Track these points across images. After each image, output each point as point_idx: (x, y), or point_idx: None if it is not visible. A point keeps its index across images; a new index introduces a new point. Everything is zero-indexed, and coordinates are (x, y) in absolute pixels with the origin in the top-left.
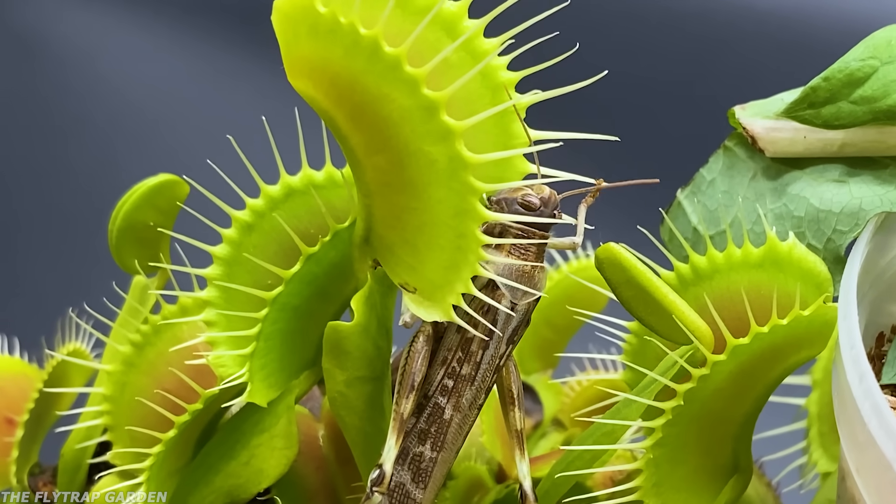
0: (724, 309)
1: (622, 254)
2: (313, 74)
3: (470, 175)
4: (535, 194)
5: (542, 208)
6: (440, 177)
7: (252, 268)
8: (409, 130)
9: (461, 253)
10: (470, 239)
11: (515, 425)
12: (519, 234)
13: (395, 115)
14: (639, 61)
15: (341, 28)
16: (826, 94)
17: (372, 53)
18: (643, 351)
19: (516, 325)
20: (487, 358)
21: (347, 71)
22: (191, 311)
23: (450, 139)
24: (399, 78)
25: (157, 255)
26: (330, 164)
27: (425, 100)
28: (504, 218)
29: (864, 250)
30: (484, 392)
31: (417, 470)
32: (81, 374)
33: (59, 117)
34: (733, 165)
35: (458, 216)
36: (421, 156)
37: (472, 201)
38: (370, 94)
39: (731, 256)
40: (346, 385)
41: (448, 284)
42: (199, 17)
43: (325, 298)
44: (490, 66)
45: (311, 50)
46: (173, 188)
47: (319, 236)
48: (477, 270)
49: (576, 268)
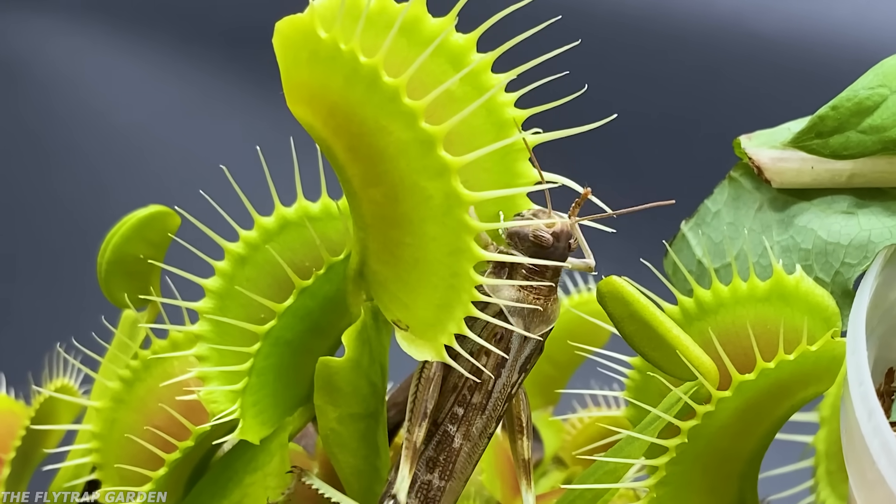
0: (730, 344)
1: (625, 287)
2: (312, 102)
3: (465, 213)
4: (547, 230)
5: (556, 243)
6: (435, 213)
7: (245, 301)
8: (405, 164)
9: (454, 292)
10: (464, 278)
11: (522, 455)
12: (531, 271)
13: (392, 148)
14: (642, 90)
15: (341, 55)
16: (834, 124)
17: (371, 83)
18: (646, 387)
19: (529, 353)
20: (499, 386)
21: (346, 100)
22: (182, 345)
23: (446, 175)
24: (397, 110)
25: (147, 289)
26: (326, 196)
27: (423, 134)
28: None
29: (874, 284)
30: (495, 421)
31: (425, 499)
32: (69, 411)
33: (46, 146)
34: (739, 196)
35: (453, 254)
36: (416, 191)
37: (466, 240)
38: (368, 125)
39: (737, 290)
40: (339, 422)
41: (440, 324)
42: (190, 44)
43: (320, 333)
44: (496, 102)
45: (310, 76)
46: (164, 219)
47: (314, 269)
48: (471, 311)
49: (577, 301)
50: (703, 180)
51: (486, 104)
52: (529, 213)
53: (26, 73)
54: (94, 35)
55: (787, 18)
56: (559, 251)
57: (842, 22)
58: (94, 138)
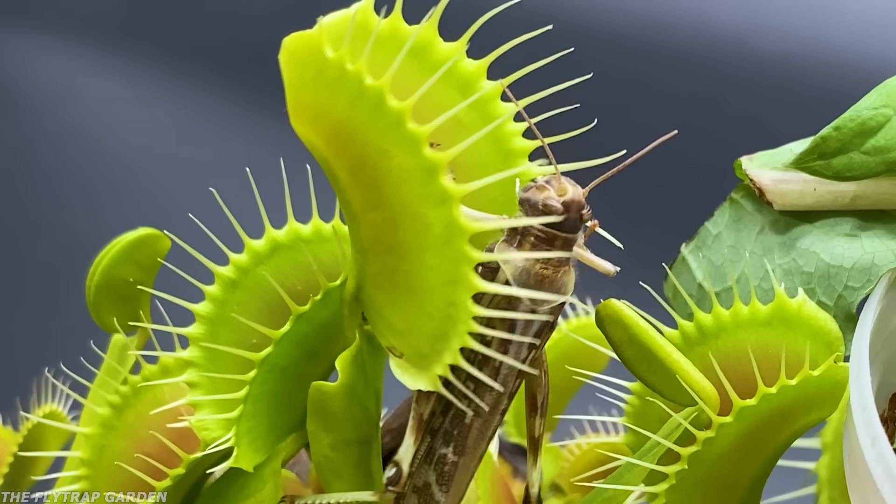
0: (731, 369)
1: (624, 311)
2: (316, 121)
3: (465, 243)
4: (557, 198)
5: (566, 213)
6: (434, 242)
7: (236, 326)
8: (407, 191)
9: (451, 322)
10: (461, 309)
11: (534, 433)
12: (540, 237)
13: (394, 174)
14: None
15: (347, 76)
16: (837, 145)
17: (376, 106)
18: (645, 413)
19: (538, 329)
20: (505, 370)
21: (350, 122)
22: (172, 371)
23: (448, 204)
24: (401, 134)
25: (136, 313)
26: (317, 217)
27: (425, 160)
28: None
29: (877, 308)
30: (507, 397)
31: (441, 472)
32: (58, 438)
33: (34, 167)
34: (740, 219)
35: (450, 284)
36: (416, 218)
37: (465, 270)
38: (371, 149)
39: (738, 314)
40: (332, 448)
41: (435, 354)
42: (180, 62)
43: (315, 358)
44: (504, 132)
45: (315, 95)
46: (153, 243)
47: (310, 295)
48: (466, 342)
49: (575, 326)
50: (703, 202)
51: (494, 133)
52: (542, 180)
53: (12, 93)
54: (82, 53)
55: (788, 38)
56: (570, 221)
57: (845, 41)
58: (83, 159)
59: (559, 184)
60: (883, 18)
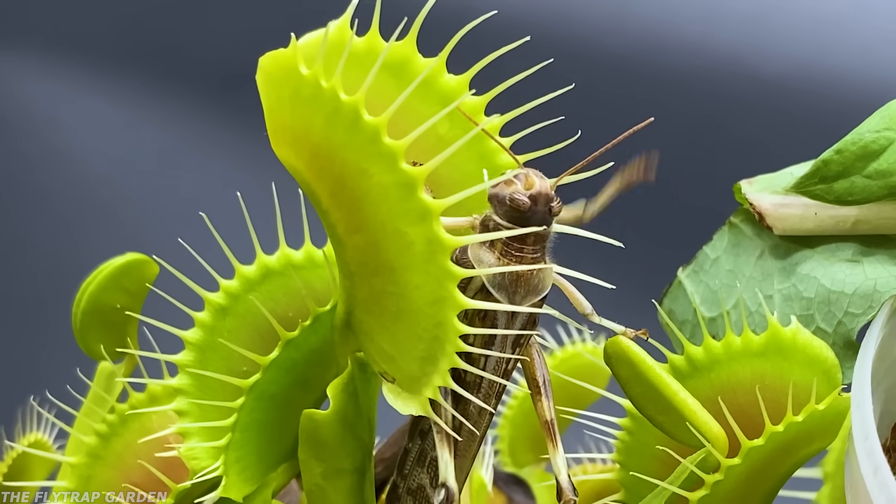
0: (726, 402)
1: (631, 348)
2: (296, 143)
3: (448, 259)
4: (524, 192)
5: (534, 207)
6: (417, 260)
7: (226, 354)
8: (387, 209)
9: (438, 344)
10: (448, 328)
11: (545, 415)
12: (511, 239)
13: (373, 193)
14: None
15: (322, 93)
16: (839, 168)
17: (352, 123)
18: (637, 449)
19: (521, 327)
20: (492, 363)
21: (327, 141)
22: (161, 399)
23: (427, 220)
24: (377, 151)
25: (124, 340)
26: (309, 243)
27: (403, 176)
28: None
29: (879, 335)
30: (494, 397)
31: (435, 474)
32: (43, 467)
33: (18, 191)
34: (739, 243)
35: (436, 303)
36: (398, 237)
37: (449, 288)
38: (349, 168)
39: (731, 346)
40: (324, 477)
41: (426, 377)
42: (169, 84)
43: (305, 386)
44: (489, 148)
45: (293, 116)
46: (141, 268)
47: (299, 320)
48: (455, 362)
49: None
50: (701, 226)
51: (479, 150)
52: (511, 174)
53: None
54: (68, 75)
55: (789, 59)
56: (538, 215)
57: (846, 63)
58: (69, 183)
59: (526, 178)
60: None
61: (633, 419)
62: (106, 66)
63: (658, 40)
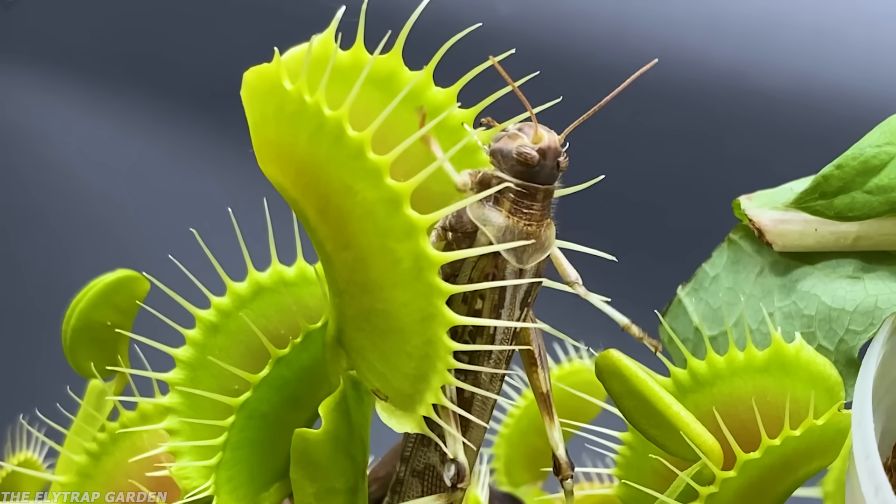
0: (728, 417)
1: (623, 362)
2: (281, 160)
3: (436, 275)
4: (532, 146)
5: (542, 161)
6: (405, 277)
7: (218, 372)
8: (373, 226)
9: (429, 361)
10: (438, 345)
11: (541, 388)
12: (520, 192)
13: (359, 209)
14: (637, 148)
15: (306, 109)
16: (839, 184)
17: (336, 139)
18: (638, 464)
19: (528, 287)
20: (501, 328)
21: (312, 158)
22: (152, 418)
23: (414, 236)
24: (362, 167)
25: (114, 358)
26: (301, 259)
27: (388, 192)
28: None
29: (880, 352)
30: (504, 362)
31: (444, 451)
32: (33, 486)
33: (7, 206)
34: (739, 260)
35: (425, 321)
36: (385, 254)
37: (438, 304)
38: (334, 185)
39: (734, 361)
40: (316, 497)
41: (418, 394)
42: (159, 99)
43: (297, 404)
44: (478, 161)
45: (278, 132)
46: (132, 285)
47: (290, 337)
48: (447, 380)
49: (567, 371)
50: (700, 243)
51: (468, 163)
52: (515, 128)
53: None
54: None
55: (789, 74)
56: (546, 170)
57: (847, 78)
58: (58, 197)
59: (534, 130)
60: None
61: (634, 433)
62: (96, 80)
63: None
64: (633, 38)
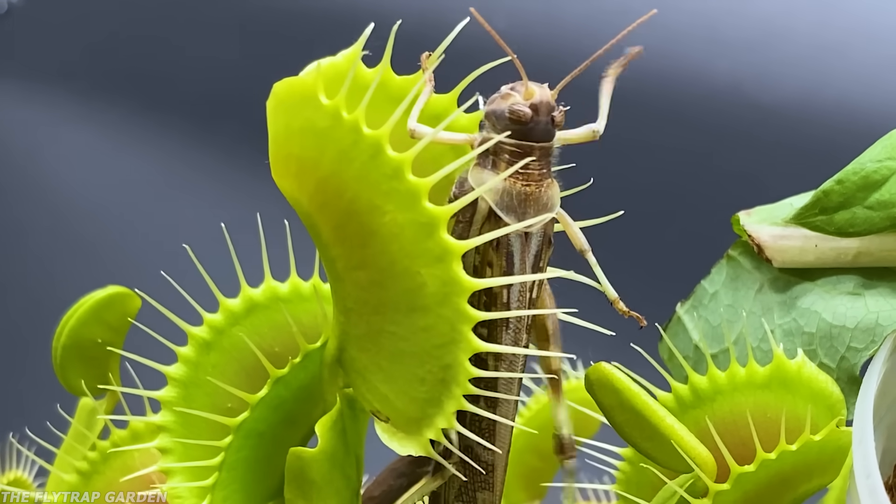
0: (728, 433)
1: (614, 374)
2: (301, 175)
3: (465, 302)
4: (524, 102)
5: (536, 117)
6: (428, 302)
7: (211, 390)
8: (398, 248)
9: (444, 387)
10: (457, 370)
11: (551, 366)
12: (515, 152)
13: (385, 231)
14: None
15: (342, 124)
16: (839, 199)
17: (371, 158)
18: (638, 480)
19: (537, 249)
20: (515, 295)
21: (339, 175)
22: (143, 436)
23: (447, 261)
24: (398, 188)
25: (105, 376)
26: (295, 275)
27: (424, 215)
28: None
29: (882, 370)
30: (524, 331)
31: (479, 431)
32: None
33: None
34: (738, 277)
35: (445, 346)
36: (407, 277)
37: (463, 330)
38: (360, 204)
39: (735, 377)
40: None
41: (427, 419)
42: (151, 113)
43: (293, 424)
44: None
45: (302, 147)
46: (123, 302)
47: (289, 357)
48: (462, 405)
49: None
50: (699, 259)
51: None
52: (506, 87)
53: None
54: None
55: (789, 88)
56: (541, 126)
57: (847, 92)
58: (48, 213)
59: (525, 88)
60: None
61: (633, 448)
62: (86, 94)
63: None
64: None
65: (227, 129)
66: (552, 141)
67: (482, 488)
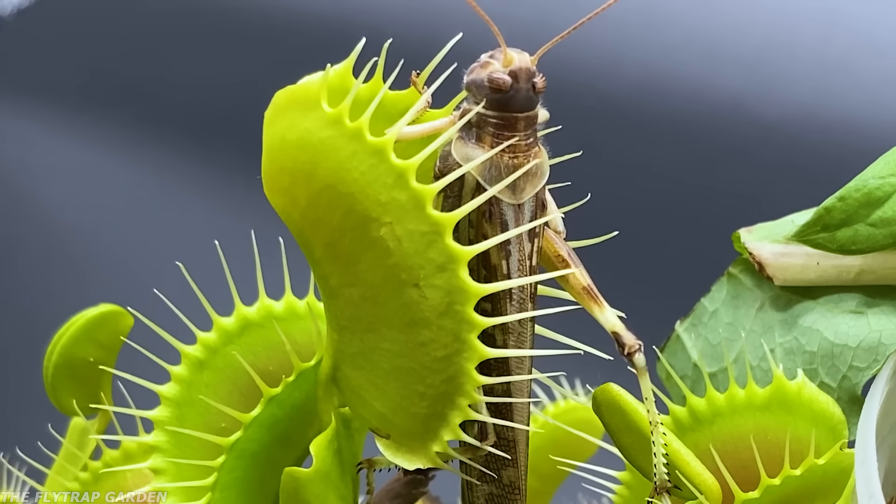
0: (728, 456)
1: (622, 396)
2: (293, 189)
3: (471, 308)
4: (503, 69)
5: (516, 84)
6: (427, 315)
7: (204, 409)
8: (394, 262)
9: (447, 399)
10: (463, 381)
11: (581, 283)
12: (499, 124)
13: (380, 245)
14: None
15: (343, 133)
16: (842, 216)
17: (371, 167)
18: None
19: (531, 216)
20: (514, 265)
21: (334, 188)
22: (136, 457)
23: (451, 268)
24: (398, 198)
25: (97, 395)
26: (290, 294)
27: (429, 223)
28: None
29: (884, 389)
30: (529, 300)
31: (495, 407)
32: None
33: None
34: (738, 295)
35: (448, 358)
36: (404, 292)
37: (469, 339)
38: (353, 218)
39: (734, 398)
40: None
41: (431, 433)
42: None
43: (287, 443)
44: None
45: (295, 159)
46: (115, 320)
47: (283, 376)
48: (469, 415)
49: (562, 409)
50: (699, 277)
51: None
52: (485, 56)
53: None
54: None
55: (790, 104)
56: (522, 93)
57: (850, 108)
58: (39, 230)
59: (504, 55)
60: (889, 84)
61: (632, 472)
62: (77, 109)
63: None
64: (631, 67)
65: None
66: (535, 109)
67: (506, 465)
